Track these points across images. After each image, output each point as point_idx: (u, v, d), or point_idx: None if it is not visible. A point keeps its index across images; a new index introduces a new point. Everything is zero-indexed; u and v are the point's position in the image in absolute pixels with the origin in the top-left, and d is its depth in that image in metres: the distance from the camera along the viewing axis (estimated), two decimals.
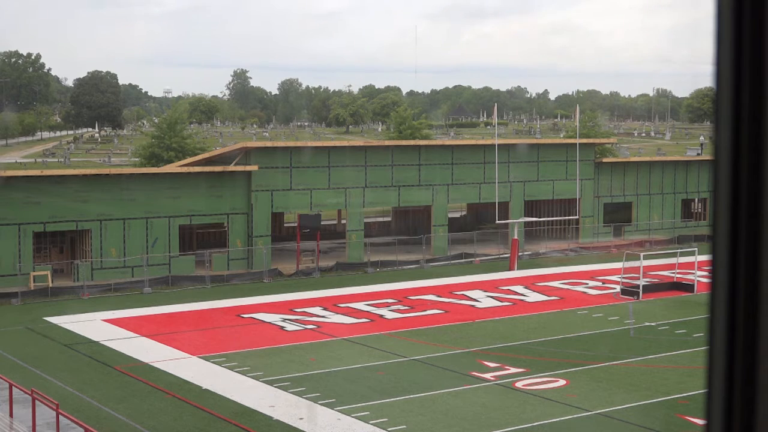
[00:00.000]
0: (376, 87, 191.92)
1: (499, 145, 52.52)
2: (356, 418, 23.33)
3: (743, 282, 1.95)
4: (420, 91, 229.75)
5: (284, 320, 36.03)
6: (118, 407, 24.37)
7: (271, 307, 38.64)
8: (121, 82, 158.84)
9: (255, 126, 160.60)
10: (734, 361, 1.97)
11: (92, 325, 35.23)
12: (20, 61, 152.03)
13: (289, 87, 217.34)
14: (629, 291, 41.02)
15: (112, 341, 32.43)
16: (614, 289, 42.46)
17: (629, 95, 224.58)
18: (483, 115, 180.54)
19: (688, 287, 41.73)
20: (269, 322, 35.71)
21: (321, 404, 24.55)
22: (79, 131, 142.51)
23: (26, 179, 43.13)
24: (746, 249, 1.95)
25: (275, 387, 26.31)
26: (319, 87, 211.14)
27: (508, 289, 42.70)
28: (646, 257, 42.74)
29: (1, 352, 30.77)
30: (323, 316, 36.78)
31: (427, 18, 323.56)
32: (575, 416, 23.63)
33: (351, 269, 47.97)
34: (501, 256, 51.36)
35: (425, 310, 37.94)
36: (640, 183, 59.59)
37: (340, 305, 38.86)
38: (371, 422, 22.94)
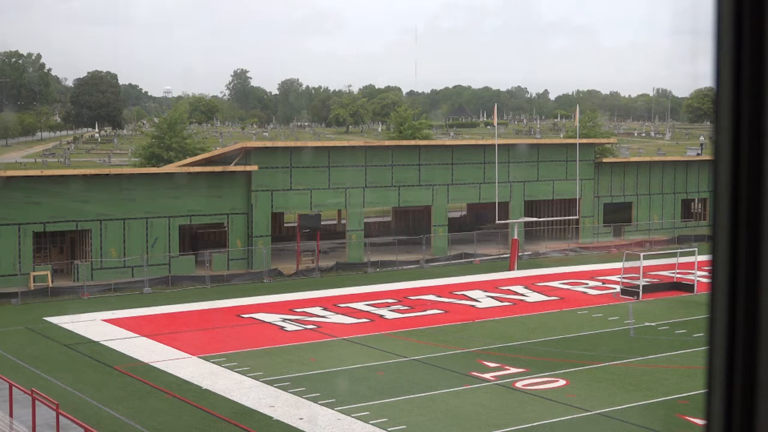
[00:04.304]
0: (376, 87, 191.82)
1: (499, 145, 52.53)
2: (356, 418, 23.33)
3: (743, 282, 1.95)
4: (420, 91, 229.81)
5: (284, 320, 36.04)
6: (118, 407, 24.37)
7: (271, 307, 38.65)
8: (121, 82, 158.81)
9: (255, 126, 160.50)
10: (734, 361, 1.97)
11: (92, 325, 35.23)
12: (20, 61, 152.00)
13: (289, 87, 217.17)
14: (629, 291, 41.02)
15: (112, 341, 32.44)
16: (614, 289, 42.46)
17: (629, 95, 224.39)
18: (483, 115, 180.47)
19: (688, 287, 41.73)
20: (269, 322, 35.72)
21: (321, 404, 24.55)
22: (79, 131, 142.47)
23: (26, 179, 43.13)
24: (746, 249, 1.95)
25: (275, 387, 26.31)
26: (319, 87, 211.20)
27: (508, 289, 42.70)
28: (646, 257, 42.75)
29: (1, 352, 30.78)
30: (323, 316, 36.78)
31: (428, 17, 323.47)
32: (575, 416, 23.63)
33: (351, 269, 47.98)
34: (501, 256, 51.36)
35: (425, 310, 37.94)
36: (640, 183, 59.60)
37: (340, 305, 38.86)
38: (371, 422, 22.94)
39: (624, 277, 42.43)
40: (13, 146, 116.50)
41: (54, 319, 36.01)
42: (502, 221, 51.35)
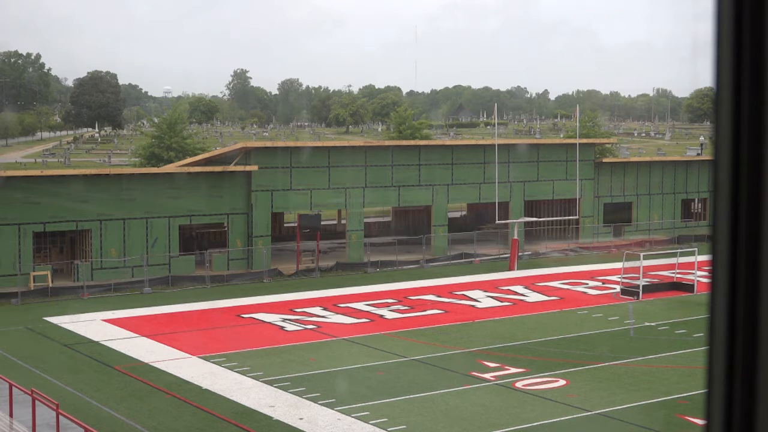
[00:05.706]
0: (376, 87, 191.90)
1: (499, 145, 52.52)
2: (356, 418, 23.33)
3: (743, 282, 1.95)
4: (420, 91, 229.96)
5: (284, 320, 36.03)
6: (118, 407, 24.37)
7: (271, 307, 38.64)
8: (121, 82, 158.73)
9: (255, 126, 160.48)
10: (734, 361, 1.97)
11: (92, 325, 35.23)
12: (20, 61, 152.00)
13: (289, 87, 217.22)
14: (629, 291, 41.01)
15: (112, 341, 32.43)
16: (614, 289, 42.46)
17: (629, 95, 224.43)
18: (483, 115, 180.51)
19: (688, 287, 41.72)
20: (269, 322, 35.72)
21: (321, 404, 24.54)
22: (79, 131, 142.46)
23: (26, 179, 43.13)
24: (746, 249, 1.95)
25: (275, 387, 26.31)
26: (319, 87, 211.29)
27: (508, 289, 42.70)
28: (646, 257, 42.74)
29: (1, 352, 30.77)
30: (323, 316, 36.78)
31: (428, 17, 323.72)
32: (575, 416, 23.63)
33: (351, 269, 47.97)
34: (501, 256, 51.35)
35: (425, 310, 37.94)
36: (640, 183, 59.59)
37: (340, 305, 38.86)
38: (371, 422, 22.94)
39: (624, 277, 42.42)
40: (13, 146, 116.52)
41: (54, 319, 36.01)
42: (502, 221, 51.35)
